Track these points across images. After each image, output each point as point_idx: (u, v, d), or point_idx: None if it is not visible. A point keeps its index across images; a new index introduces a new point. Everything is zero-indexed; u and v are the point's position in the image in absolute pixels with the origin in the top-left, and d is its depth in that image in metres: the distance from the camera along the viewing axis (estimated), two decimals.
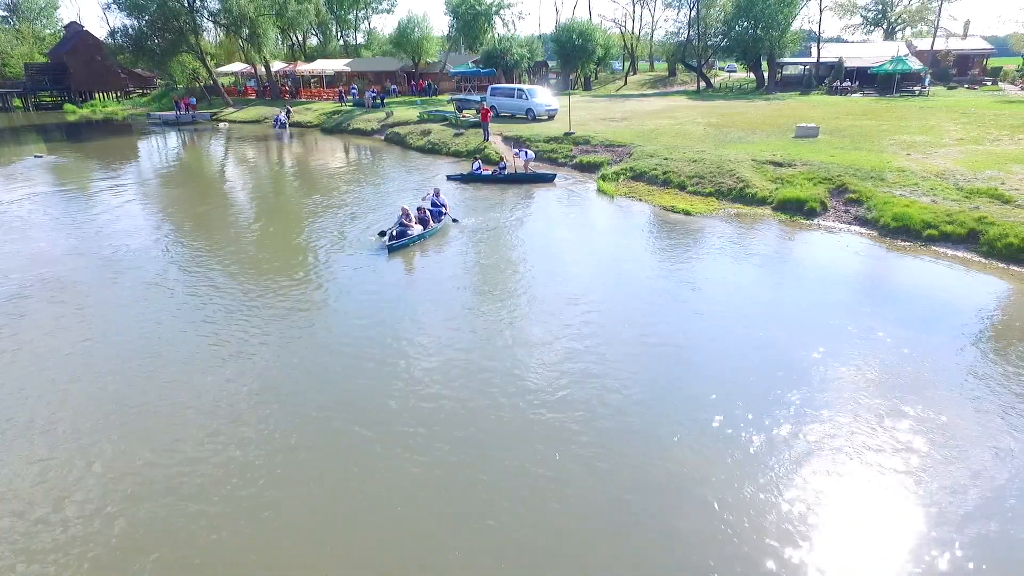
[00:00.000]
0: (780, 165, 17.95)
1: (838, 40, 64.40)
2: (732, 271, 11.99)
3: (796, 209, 15.53)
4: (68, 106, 57.62)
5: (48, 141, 37.61)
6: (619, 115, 31.10)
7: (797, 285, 11.42)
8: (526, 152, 21.86)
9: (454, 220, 15.24)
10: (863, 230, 14.19)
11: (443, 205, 15.33)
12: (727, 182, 17.42)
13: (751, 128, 24.67)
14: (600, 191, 18.85)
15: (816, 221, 15.04)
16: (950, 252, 12.56)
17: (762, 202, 16.32)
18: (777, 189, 16.53)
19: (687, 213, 15.93)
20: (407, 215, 13.86)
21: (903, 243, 13.24)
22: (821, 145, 20.45)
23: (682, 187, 17.94)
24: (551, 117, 31.04)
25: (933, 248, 12.81)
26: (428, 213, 14.55)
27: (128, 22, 45.54)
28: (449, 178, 21.26)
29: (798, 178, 16.78)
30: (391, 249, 13.06)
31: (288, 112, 41.38)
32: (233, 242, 14.59)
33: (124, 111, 55.65)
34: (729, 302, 10.43)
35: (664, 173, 18.79)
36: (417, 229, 13.79)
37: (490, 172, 21.29)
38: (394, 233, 13.57)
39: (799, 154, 18.83)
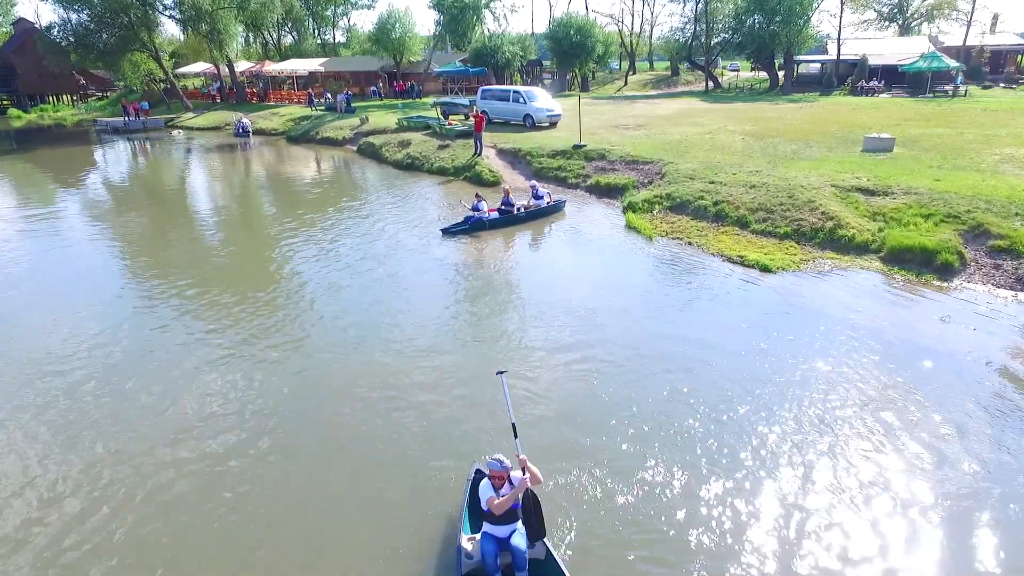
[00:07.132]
0: (873, 193, 13.42)
1: (837, 38, 60.06)
2: (866, 382, 7.43)
3: (920, 262, 10.97)
4: (13, 111, 52.35)
5: None
6: (631, 121, 26.54)
7: (988, 420, 6.87)
8: (537, 189, 15.97)
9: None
10: None
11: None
12: (808, 218, 12.84)
13: (801, 138, 20.17)
14: (631, 227, 14.24)
15: (957, 283, 10.48)
16: None
17: (864, 249, 11.77)
18: (881, 230, 11.99)
19: (765, 269, 11.26)
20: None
21: None
22: (906, 162, 15.99)
23: (743, 224, 13.35)
24: (553, 124, 26.31)
25: None
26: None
27: (70, 16, 40.47)
28: (446, 232, 14.33)
29: (906, 213, 12.27)
30: None
31: (246, 128, 35.56)
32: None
33: (75, 116, 50.46)
34: (886, 447, 5.89)
35: (715, 204, 14.17)
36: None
37: (497, 213, 15.02)
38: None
39: (889, 176, 14.32)
